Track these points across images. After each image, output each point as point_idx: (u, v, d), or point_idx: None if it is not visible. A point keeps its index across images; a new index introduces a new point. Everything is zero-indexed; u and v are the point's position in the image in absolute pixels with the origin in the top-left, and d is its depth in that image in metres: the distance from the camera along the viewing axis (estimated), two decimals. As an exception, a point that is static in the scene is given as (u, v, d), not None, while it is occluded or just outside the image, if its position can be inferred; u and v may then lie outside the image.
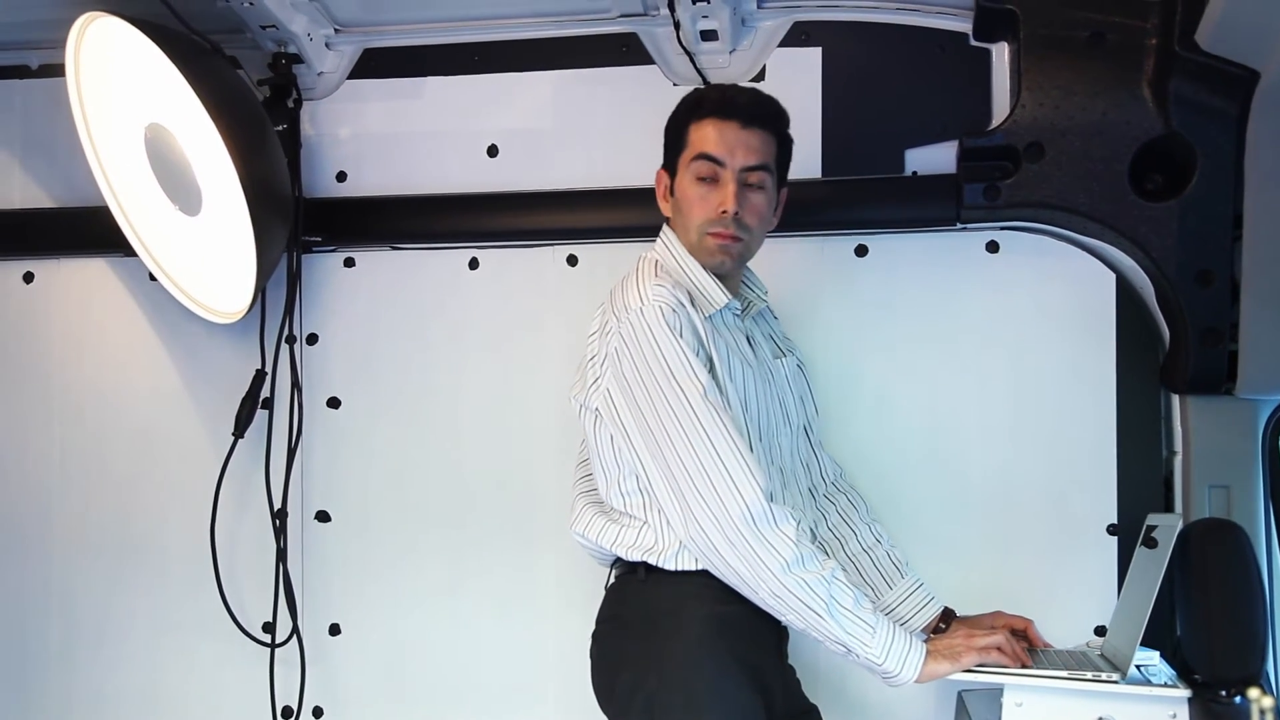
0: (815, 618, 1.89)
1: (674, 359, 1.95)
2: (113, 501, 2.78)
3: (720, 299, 2.10)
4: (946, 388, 2.48)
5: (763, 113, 2.11)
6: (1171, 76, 2.24)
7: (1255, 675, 1.96)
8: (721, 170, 2.08)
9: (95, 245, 2.75)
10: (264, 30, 2.56)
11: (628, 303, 2.02)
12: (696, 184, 2.09)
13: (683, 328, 1.98)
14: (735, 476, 1.91)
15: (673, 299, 1.99)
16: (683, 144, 2.12)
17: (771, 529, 1.90)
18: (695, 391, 1.94)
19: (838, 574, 1.92)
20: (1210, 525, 2.16)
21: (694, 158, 2.09)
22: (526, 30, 2.63)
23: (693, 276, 2.10)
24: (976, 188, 2.40)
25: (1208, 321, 2.28)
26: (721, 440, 1.93)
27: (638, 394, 1.98)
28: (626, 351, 1.99)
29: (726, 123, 2.08)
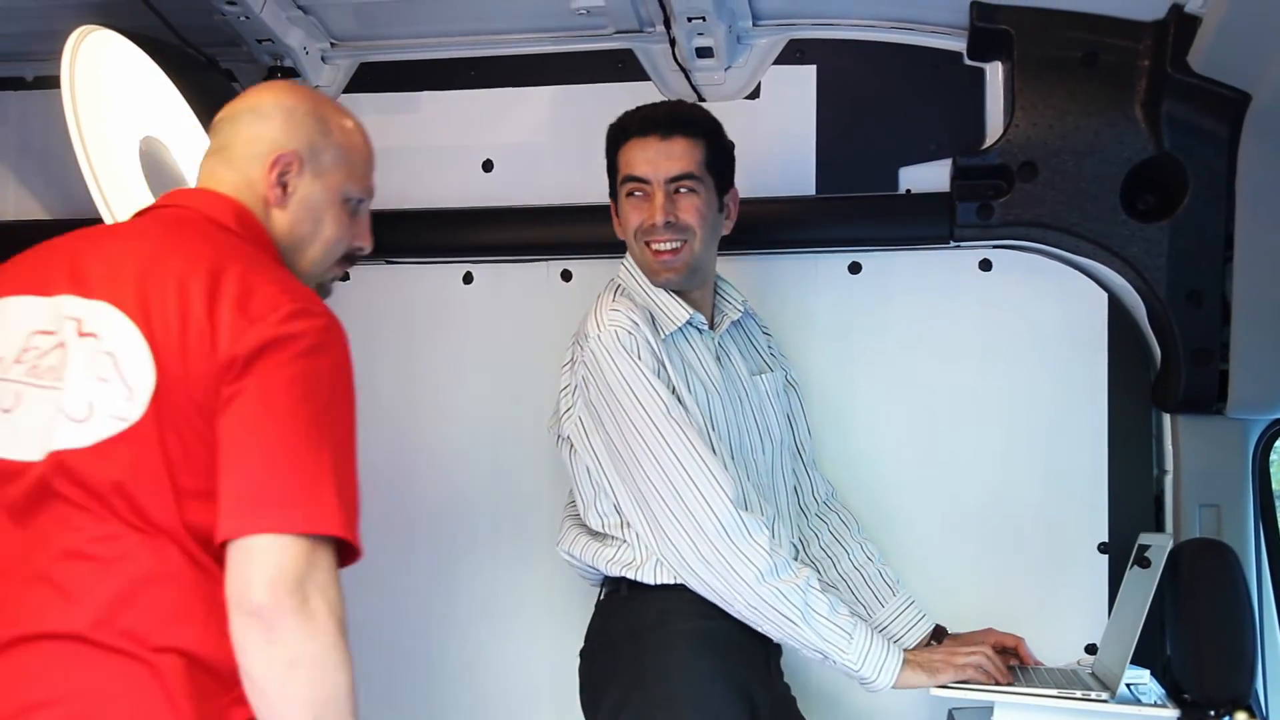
0: (791, 626, 1.92)
1: (634, 379, 1.99)
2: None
3: (681, 315, 2.11)
4: (939, 405, 2.49)
5: (682, 121, 2.15)
6: (1164, 98, 2.26)
7: (1244, 696, 1.97)
8: (648, 186, 2.12)
9: (89, 257, 2.74)
10: (260, 44, 2.56)
11: (586, 330, 2.07)
12: (628, 203, 2.14)
13: (639, 348, 2.01)
14: (703, 490, 1.94)
15: (628, 321, 2.02)
16: (615, 170, 2.17)
17: (744, 539, 1.93)
18: (657, 409, 1.97)
19: (812, 582, 1.95)
20: (1200, 545, 2.17)
21: (623, 180, 2.14)
22: (522, 46, 2.64)
23: (652, 296, 2.14)
24: (970, 206, 2.41)
25: (1199, 341, 2.30)
26: (687, 455, 1.95)
27: (604, 417, 2.02)
28: (590, 378, 2.04)
29: (647, 139, 2.13)
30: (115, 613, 1.41)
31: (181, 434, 1.43)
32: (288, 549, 1.38)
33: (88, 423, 1.44)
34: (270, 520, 1.38)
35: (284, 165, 1.66)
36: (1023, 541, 2.45)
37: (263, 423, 1.41)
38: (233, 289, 1.46)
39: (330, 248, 1.73)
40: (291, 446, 1.41)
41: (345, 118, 1.77)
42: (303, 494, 1.39)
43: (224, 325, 1.43)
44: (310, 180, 1.68)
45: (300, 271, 1.70)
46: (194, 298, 1.45)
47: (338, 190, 1.71)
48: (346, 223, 1.74)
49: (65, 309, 1.50)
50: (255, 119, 1.69)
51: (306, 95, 1.75)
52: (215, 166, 1.70)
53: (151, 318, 1.45)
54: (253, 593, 1.36)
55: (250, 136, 1.68)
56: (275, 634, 1.36)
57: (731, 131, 2.52)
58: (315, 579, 1.39)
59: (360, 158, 1.76)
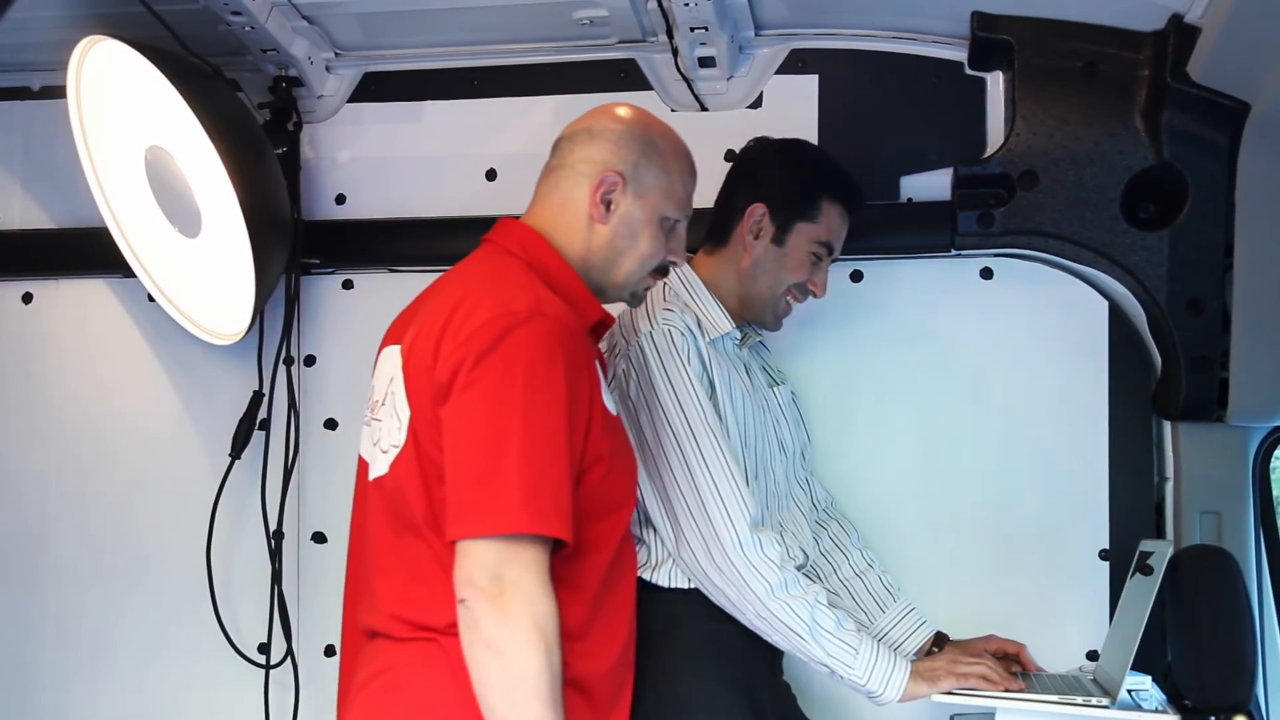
0: (799, 640, 1.94)
1: (680, 384, 2.00)
2: (109, 522, 2.77)
3: (725, 325, 2.14)
4: (940, 413, 2.49)
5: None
6: (1164, 107, 2.27)
7: (1244, 702, 1.98)
8: (828, 259, 2.21)
9: (94, 266, 2.76)
10: (265, 54, 2.57)
11: (637, 325, 2.06)
12: (804, 258, 2.18)
13: (690, 353, 2.02)
14: (728, 504, 1.95)
15: (681, 324, 2.03)
16: (810, 210, 2.18)
17: (758, 555, 1.95)
18: (697, 418, 1.98)
19: (820, 598, 1.96)
20: (1201, 552, 2.18)
21: (817, 239, 2.18)
22: (526, 56, 2.65)
23: (701, 303, 2.15)
24: (971, 215, 2.42)
25: (1199, 349, 2.31)
26: (718, 468, 1.97)
27: (641, 415, 2.02)
28: (633, 372, 2.03)
29: (847, 217, 2.22)
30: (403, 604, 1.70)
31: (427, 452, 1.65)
32: (480, 551, 1.56)
33: (388, 453, 1.71)
34: (464, 527, 1.58)
35: (609, 185, 1.82)
36: (1024, 548, 2.45)
37: (456, 434, 1.61)
38: (455, 314, 1.66)
39: (644, 261, 1.87)
40: (476, 454, 1.59)
41: (673, 140, 1.91)
42: (486, 500, 1.57)
43: (442, 352, 1.65)
44: (632, 199, 1.84)
45: (614, 282, 1.87)
46: (433, 330, 1.67)
47: (656, 209, 1.86)
48: (662, 239, 1.88)
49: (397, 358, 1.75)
50: (589, 139, 1.86)
51: (639, 118, 1.90)
52: (550, 184, 1.89)
53: (411, 355, 1.70)
54: (460, 589, 1.57)
55: (583, 156, 1.85)
56: (473, 621, 1.56)
57: (733, 141, 2.54)
58: (509, 575, 1.55)
59: (681, 181, 1.90)
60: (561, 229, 1.84)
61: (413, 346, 1.71)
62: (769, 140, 2.27)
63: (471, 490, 1.58)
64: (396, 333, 1.82)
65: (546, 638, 1.56)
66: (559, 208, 1.85)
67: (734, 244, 2.19)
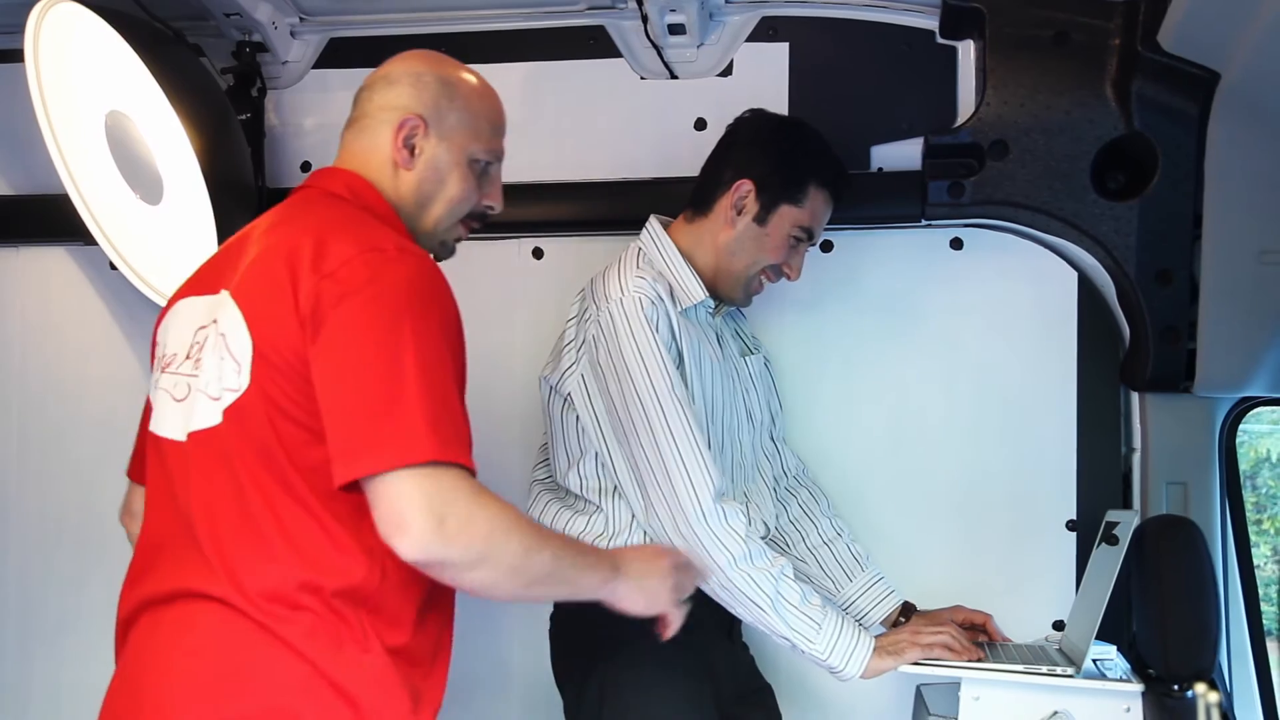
0: (760, 612, 1.94)
1: (648, 352, 1.98)
2: (73, 493, 2.74)
3: (698, 294, 2.13)
4: (909, 383, 2.49)
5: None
6: (1134, 77, 2.26)
7: (1206, 670, 1.99)
8: (808, 242, 2.20)
9: (55, 234, 2.72)
10: (228, 18, 2.53)
11: (608, 292, 2.05)
12: (783, 240, 2.16)
13: (659, 321, 2.01)
14: (692, 474, 1.95)
15: (652, 292, 2.02)
16: (797, 193, 2.15)
17: (721, 525, 1.95)
18: (664, 387, 1.97)
19: (786, 571, 1.96)
20: (1165, 522, 2.19)
21: (800, 223, 2.16)
22: (493, 22, 2.61)
23: (675, 270, 2.14)
24: (941, 185, 2.41)
25: (1167, 320, 2.31)
26: (684, 437, 1.96)
27: (610, 383, 2.01)
28: (603, 339, 2.02)
29: (832, 204, 2.21)
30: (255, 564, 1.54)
31: (281, 392, 1.53)
32: (400, 493, 1.45)
33: (219, 400, 1.58)
34: (370, 462, 1.45)
35: (410, 129, 1.75)
36: (992, 519, 2.46)
37: (341, 369, 1.50)
38: (310, 252, 1.56)
39: (454, 206, 1.81)
40: (371, 386, 1.48)
41: (473, 82, 1.84)
42: (399, 430, 1.46)
43: (302, 287, 1.53)
44: (436, 142, 1.77)
45: (424, 229, 1.80)
46: (280, 269, 1.56)
47: (463, 151, 1.79)
48: (473, 183, 1.81)
49: (213, 306, 1.65)
50: (386, 86, 1.79)
51: (435, 61, 1.83)
52: (352, 135, 1.81)
53: (250, 295, 1.59)
54: (396, 544, 1.45)
55: (381, 103, 1.78)
56: (445, 569, 1.49)
57: (703, 109, 2.53)
58: (436, 504, 1.45)
59: (486, 121, 1.83)
60: (370, 178, 1.76)
61: (250, 289, 1.59)
62: (766, 115, 2.25)
63: (373, 423, 1.46)
64: (199, 285, 1.72)
65: (508, 527, 1.50)
66: (364, 157, 1.77)
67: (715, 216, 2.17)
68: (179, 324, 1.71)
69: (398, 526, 1.45)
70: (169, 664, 1.56)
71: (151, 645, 1.60)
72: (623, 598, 1.69)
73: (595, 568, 1.66)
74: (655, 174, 2.55)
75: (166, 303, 1.81)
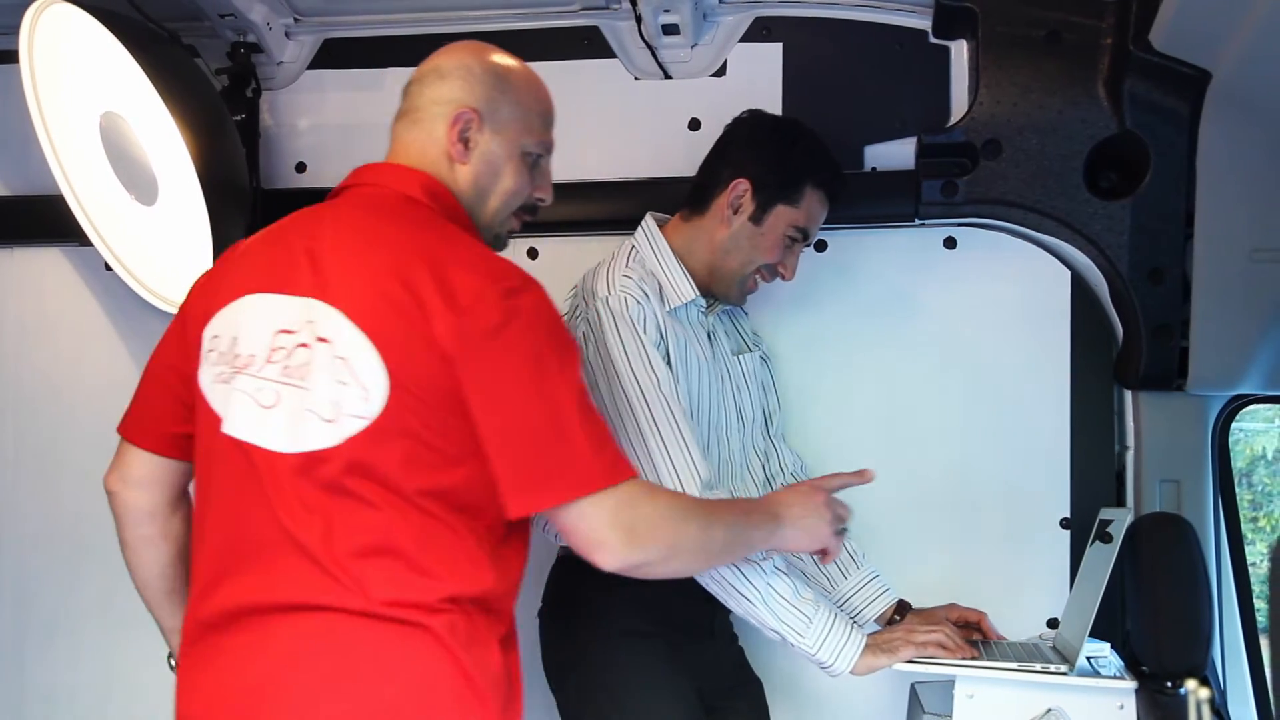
0: (750, 605, 1.94)
1: (634, 350, 1.99)
2: (68, 495, 2.74)
3: (688, 293, 2.13)
4: (903, 383, 2.50)
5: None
6: (1126, 76, 2.27)
7: (1199, 667, 2.00)
8: (803, 243, 2.21)
9: (50, 234, 2.72)
10: (222, 19, 2.53)
11: (595, 289, 2.06)
12: (779, 239, 2.17)
13: (645, 319, 2.01)
14: (678, 467, 1.96)
15: (639, 290, 2.02)
16: (794, 194, 2.16)
17: None
18: (650, 383, 1.98)
19: (777, 564, 1.97)
20: (1158, 520, 2.20)
21: (795, 223, 2.17)
22: (488, 22, 2.61)
23: (667, 269, 2.14)
24: (934, 184, 2.42)
25: (1160, 318, 2.32)
26: (670, 434, 1.97)
27: (598, 380, 2.02)
28: (591, 337, 2.03)
29: (827, 205, 2.21)
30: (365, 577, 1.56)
31: (420, 421, 1.56)
32: (589, 515, 1.59)
33: (335, 423, 1.57)
34: (548, 498, 1.58)
35: (464, 122, 1.76)
36: (986, 517, 2.47)
37: (504, 408, 1.56)
38: (433, 280, 1.57)
39: (508, 199, 1.81)
40: (536, 423, 1.57)
41: (525, 75, 1.85)
42: (572, 459, 1.57)
43: (438, 322, 1.55)
44: (490, 135, 1.78)
45: (481, 223, 1.80)
46: (401, 295, 1.57)
47: (516, 144, 1.80)
48: (526, 175, 1.83)
49: (304, 311, 1.62)
50: (438, 79, 1.79)
51: (487, 54, 1.83)
52: (404, 129, 1.81)
53: (376, 321, 1.57)
54: (596, 558, 1.61)
55: (434, 97, 1.78)
56: (643, 569, 1.64)
57: (698, 109, 2.53)
58: (623, 518, 1.60)
59: (537, 113, 1.84)
60: (431, 174, 1.77)
61: (368, 310, 1.58)
62: (763, 115, 2.26)
63: (546, 459, 1.57)
64: (264, 281, 1.68)
65: (684, 516, 1.67)
66: (419, 151, 1.77)
67: (711, 215, 2.17)
68: (250, 321, 1.66)
69: (596, 545, 1.60)
70: (296, 664, 1.56)
71: (269, 650, 1.57)
72: (789, 540, 1.86)
73: (761, 524, 1.81)
74: (650, 174, 2.56)
75: (198, 292, 1.76)
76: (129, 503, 1.83)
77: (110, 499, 1.85)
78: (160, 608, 1.89)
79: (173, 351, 1.78)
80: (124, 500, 1.84)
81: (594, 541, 1.59)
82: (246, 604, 1.59)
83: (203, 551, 1.69)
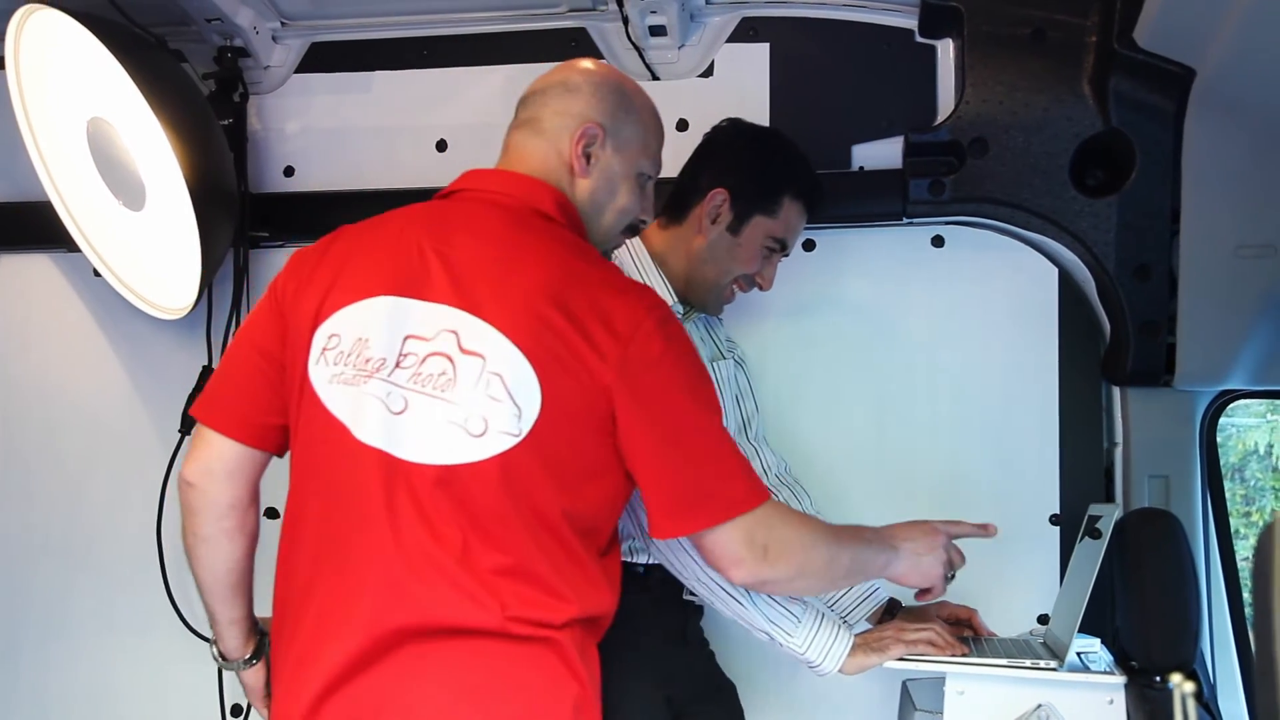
0: (739, 606, 1.94)
1: None
2: (58, 499, 2.74)
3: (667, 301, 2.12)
4: (892, 381, 2.51)
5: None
6: (1111, 74, 2.28)
7: (1188, 661, 2.00)
8: (781, 254, 2.21)
9: (38, 241, 2.72)
10: (209, 24, 2.54)
11: None
12: (756, 249, 2.17)
13: None
14: None
15: None
16: (772, 204, 2.16)
17: None
18: None
19: None
20: (1145, 515, 2.20)
21: (773, 234, 2.17)
22: (475, 25, 2.62)
23: (646, 276, 2.14)
24: (922, 183, 2.43)
25: (1147, 315, 2.33)
26: None
27: None
28: None
29: (805, 216, 2.22)
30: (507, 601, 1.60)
31: (566, 443, 1.61)
32: (730, 536, 1.67)
33: (484, 439, 1.58)
34: (704, 519, 1.66)
35: (589, 137, 1.78)
36: (975, 514, 2.43)
37: (662, 434, 1.63)
38: (589, 305, 1.61)
39: (620, 217, 1.85)
40: (690, 447, 1.64)
41: (646, 97, 1.89)
42: (720, 484, 1.66)
43: (600, 346, 1.60)
44: (611, 153, 1.81)
45: (596, 238, 1.83)
46: (555, 317, 1.60)
47: (633, 163, 1.83)
48: (638, 195, 1.86)
49: (442, 320, 1.62)
50: (565, 92, 1.81)
51: (613, 73, 1.88)
52: (525, 137, 1.82)
53: (533, 341, 1.59)
54: (730, 574, 1.71)
55: (559, 109, 1.80)
56: (769, 586, 1.77)
57: (685, 110, 2.53)
58: (758, 538, 1.67)
59: (655, 136, 1.89)
60: (553, 184, 1.78)
61: (524, 330, 1.59)
62: (743, 125, 2.25)
63: (699, 483, 1.64)
64: (385, 283, 1.65)
65: (810, 534, 1.74)
66: (540, 162, 1.78)
67: (689, 224, 2.18)
68: (379, 323, 1.64)
69: (733, 562, 1.68)
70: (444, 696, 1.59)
71: (421, 679, 1.59)
72: (901, 573, 1.88)
73: (879, 553, 1.84)
74: (637, 175, 2.56)
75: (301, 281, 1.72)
76: (211, 496, 1.73)
77: (187, 491, 1.74)
78: (224, 601, 1.82)
79: (266, 338, 1.73)
80: (205, 492, 1.73)
81: (731, 559, 1.68)
82: (398, 626, 1.58)
83: (300, 556, 1.68)
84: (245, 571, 1.81)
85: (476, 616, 1.57)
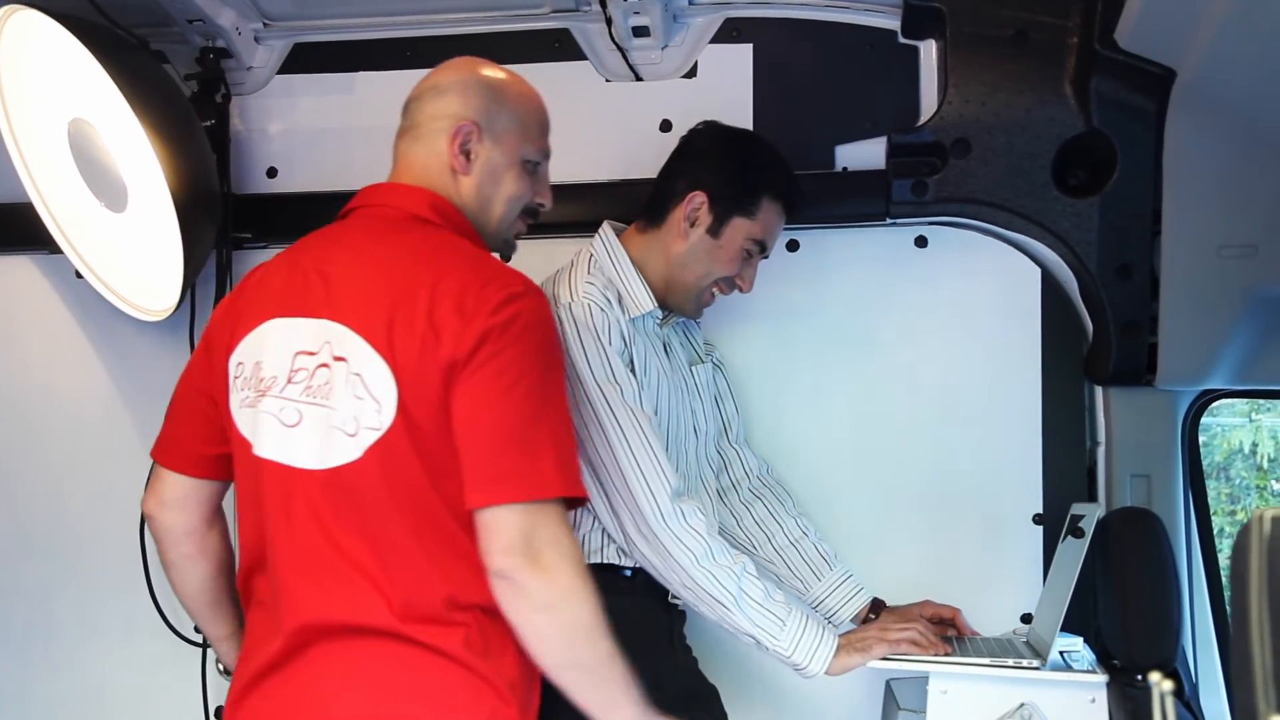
0: (724, 610, 1.94)
1: (596, 359, 1.99)
2: (40, 502, 2.73)
3: (647, 304, 2.13)
4: (875, 381, 2.51)
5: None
6: (1092, 74, 2.29)
7: (1169, 659, 2.02)
8: (761, 256, 2.21)
9: (19, 242, 2.70)
10: (191, 24, 2.53)
11: (558, 295, 2.06)
12: (737, 252, 2.17)
13: (610, 328, 2.01)
14: (648, 475, 1.96)
15: (602, 298, 2.02)
16: (750, 206, 2.16)
17: (680, 524, 1.96)
18: (615, 393, 1.98)
19: (749, 568, 1.97)
20: (1127, 514, 2.22)
21: (753, 236, 2.17)
22: (458, 25, 2.61)
23: (625, 279, 2.14)
24: (905, 184, 2.43)
25: (1129, 315, 2.34)
26: (637, 440, 1.98)
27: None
28: None
29: (784, 217, 2.22)
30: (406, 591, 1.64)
31: (427, 430, 1.63)
32: (514, 518, 1.60)
33: (356, 437, 1.64)
34: (498, 493, 1.61)
35: (464, 135, 1.83)
36: (959, 514, 2.48)
37: (487, 408, 1.62)
38: (450, 294, 1.64)
39: (511, 205, 1.89)
40: (512, 426, 1.62)
41: (520, 85, 1.93)
42: (524, 467, 1.61)
43: (446, 329, 1.62)
44: (490, 146, 1.85)
45: (488, 231, 1.88)
46: (412, 309, 1.64)
47: (515, 152, 1.88)
48: (526, 181, 1.90)
49: (321, 333, 1.69)
50: (436, 95, 1.87)
51: (481, 67, 1.91)
52: (407, 145, 1.88)
53: (387, 336, 1.64)
54: (493, 560, 1.61)
55: (433, 112, 1.86)
56: (519, 589, 1.61)
57: (668, 111, 2.54)
58: (543, 536, 1.60)
59: (534, 122, 1.92)
60: (435, 189, 1.83)
61: (378, 327, 1.64)
62: (720, 127, 2.26)
63: (506, 459, 1.61)
64: (281, 306, 1.74)
65: (587, 583, 1.63)
66: (423, 167, 1.84)
67: (668, 227, 2.17)
68: (271, 345, 1.73)
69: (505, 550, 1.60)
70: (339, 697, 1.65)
71: (321, 677, 1.67)
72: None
73: (627, 698, 1.68)
74: (621, 176, 2.56)
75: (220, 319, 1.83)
76: (167, 524, 1.89)
77: (149, 522, 1.91)
78: (206, 619, 1.97)
79: (200, 376, 1.84)
80: (162, 522, 1.89)
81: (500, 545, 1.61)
82: (309, 623, 1.66)
83: (244, 568, 1.78)
84: (220, 589, 1.94)
85: (369, 614, 1.63)
